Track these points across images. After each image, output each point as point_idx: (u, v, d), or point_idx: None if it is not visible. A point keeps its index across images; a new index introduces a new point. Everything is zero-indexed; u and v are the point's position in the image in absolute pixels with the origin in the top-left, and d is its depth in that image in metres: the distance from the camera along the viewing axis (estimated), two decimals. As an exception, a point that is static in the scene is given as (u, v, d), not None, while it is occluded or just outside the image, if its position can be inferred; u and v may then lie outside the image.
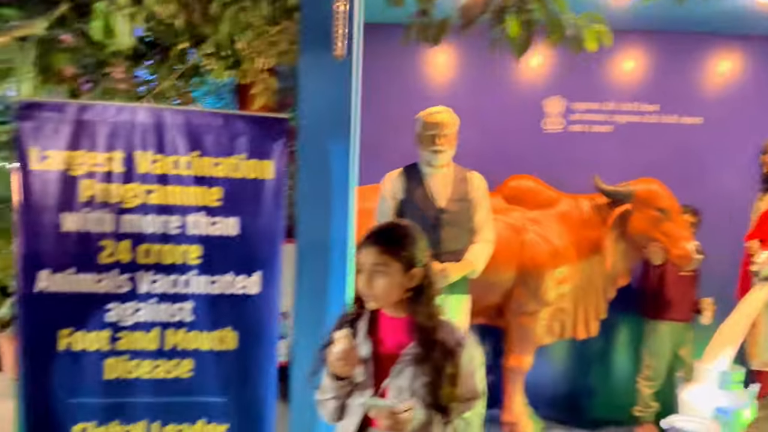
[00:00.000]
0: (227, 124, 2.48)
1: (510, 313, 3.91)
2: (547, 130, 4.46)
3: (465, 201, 3.44)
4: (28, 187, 2.35)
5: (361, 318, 1.78)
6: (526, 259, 3.85)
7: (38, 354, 2.39)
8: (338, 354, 1.63)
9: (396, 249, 1.68)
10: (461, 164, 3.51)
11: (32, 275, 2.36)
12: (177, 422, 2.52)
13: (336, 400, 1.72)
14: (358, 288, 1.72)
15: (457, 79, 4.43)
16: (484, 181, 3.55)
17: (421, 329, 1.67)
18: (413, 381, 1.65)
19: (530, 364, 3.94)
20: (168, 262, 2.46)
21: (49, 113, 2.36)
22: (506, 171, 4.18)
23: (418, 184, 3.42)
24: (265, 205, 2.51)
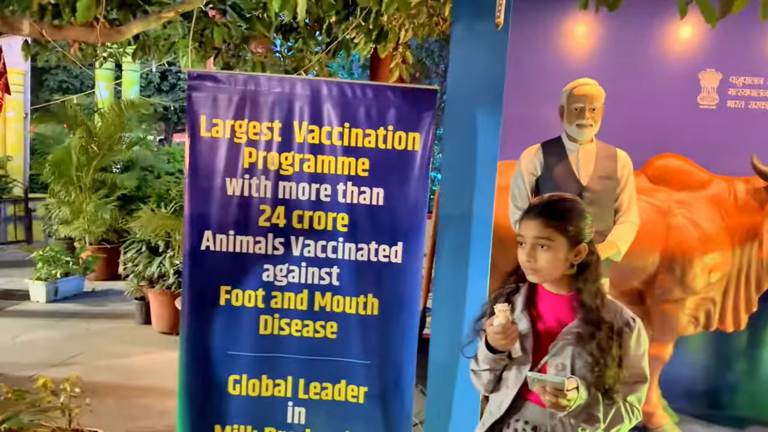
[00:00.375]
0: (378, 95, 2.52)
1: (652, 300, 3.72)
2: (702, 105, 4.13)
3: (610, 179, 3.30)
4: (197, 153, 2.53)
5: (519, 292, 1.76)
6: (672, 244, 3.64)
7: (202, 307, 2.59)
8: (497, 328, 1.62)
9: (561, 223, 1.64)
10: (601, 140, 3.36)
11: (198, 234, 2.56)
12: (320, 380, 2.65)
13: (491, 372, 1.73)
14: (520, 261, 1.70)
15: (601, 51, 4.20)
16: (629, 160, 3.39)
17: (585, 307, 1.63)
18: (575, 360, 1.62)
19: (670, 354, 3.74)
20: (318, 228, 2.57)
21: (218, 84, 2.52)
22: (651, 149, 3.93)
23: (558, 161, 3.32)
24: (411, 176, 2.54)
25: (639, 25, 4.06)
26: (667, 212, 3.70)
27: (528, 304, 1.73)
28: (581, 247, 1.65)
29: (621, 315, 1.66)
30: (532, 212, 1.68)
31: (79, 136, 7.43)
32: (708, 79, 4.15)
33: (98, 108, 8.98)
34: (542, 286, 1.72)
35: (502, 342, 1.64)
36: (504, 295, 1.77)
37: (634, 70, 4.13)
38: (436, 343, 2.63)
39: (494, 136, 2.51)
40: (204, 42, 3.45)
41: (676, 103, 4.15)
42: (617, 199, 3.32)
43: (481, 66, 2.47)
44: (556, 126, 3.43)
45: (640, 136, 3.89)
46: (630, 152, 3.42)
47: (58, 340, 5.50)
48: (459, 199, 2.57)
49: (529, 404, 1.69)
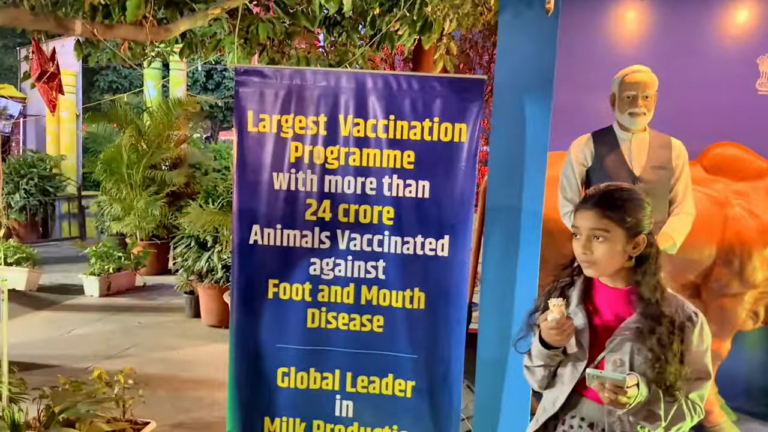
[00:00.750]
0: (423, 87, 2.49)
1: (708, 294, 3.58)
2: (761, 92, 3.95)
3: (665, 169, 3.19)
4: (245, 148, 2.55)
5: (574, 285, 1.70)
6: (729, 236, 3.49)
7: (250, 301, 2.62)
8: (552, 323, 1.57)
9: (619, 213, 1.58)
10: (654, 129, 3.25)
11: (246, 229, 2.58)
12: (368, 374, 2.64)
13: (545, 368, 1.68)
14: (575, 253, 1.64)
15: (653, 37, 4.06)
16: (684, 149, 3.27)
17: (644, 301, 1.57)
18: (634, 356, 1.56)
19: (728, 350, 3.60)
20: (364, 222, 2.56)
21: (265, 79, 2.53)
22: (707, 137, 3.79)
23: (610, 150, 3.22)
24: (458, 168, 2.50)
25: (693, 9, 3.91)
26: (724, 203, 3.56)
27: (584, 298, 1.68)
28: (640, 239, 1.59)
29: (682, 309, 1.59)
30: (588, 203, 1.62)
31: (129, 134, 7.64)
32: (767, 65, 3.97)
33: (147, 107, 9.21)
34: (598, 280, 1.67)
35: (557, 338, 1.59)
36: (558, 289, 1.72)
37: (688, 56, 3.98)
38: (484, 338, 2.59)
39: (544, 126, 2.45)
40: (249, 38, 3.48)
41: (733, 90, 3.98)
42: (672, 190, 3.21)
43: (530, 54, 2.41)
44: (607, 115, 3.33)
45: (695, 125, 3.75)
46: (684, 141, 3.29)
47: (112, 333, 5.66)
48: (507, 191, 2.52)
49: (586, 401, 1.64)
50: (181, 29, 2.85)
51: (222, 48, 3.57)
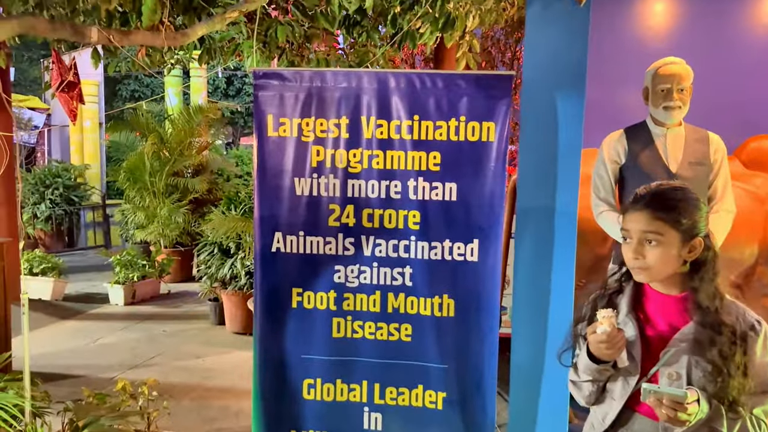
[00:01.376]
0: (448, 85, 2.39)
1: (751, 294, 3.41)
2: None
3: (702, 165, 3.03)
4: (265, 153, 2.48)
5: (623, 292, 1.59)
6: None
7: (274, 310, 2.54)
8: (602, 336, 1.45)
9: (673, 214, 1.46)
10: (688, 123, 3.10)
11: (269, 236, 2.50)
12: (397, 385, 2.55)
13: (594, 383, 1.57)
14: (625, 258, 1.53)
15: (686, 27, 3.92)
16: (723, 143, 3.11)
17: (701, 309, 1.45)
18: (691, 368, 1.44)
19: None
20: (389, 227, 2.47)
21: (284, 82, 2.45)
22: (744, 130, 3.63)
23: (644, 146, 3.08)
24: (486, 169, 2.39)
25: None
26: (765, 199, 3.40)
27: (634, 307, 1.56)
28: (696, 242, 1.47)
29: (744, 318, 1.46)
30: (639, 203, 1.50)
31: (152, 142, 7.65)
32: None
33: (168, 114, 9.24)
34: (649, 286, 1.55)
35: (608, 352, 1.47)
36: (606, 297, 1.60)
37: (721, 46, 3.83)
38: (518, 344, 2.47)
39: (577, 123, 2.33)
40: (268, 42, 3.41)
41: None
42: (710, 187, 3.05)
43: (560, 47, 2.30)
44: (640, 110, 3.19)
45: (731, 117, 3.59)
46: (720, 135, 3.14)
47: (137, 341, 5.64)
48: (539, 192, 2.41)
49: (639, 417, 1.52)
50: (199, 34, 2.78)
51: (241, 52, 3.51)
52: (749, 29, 3.82)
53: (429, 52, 5.82)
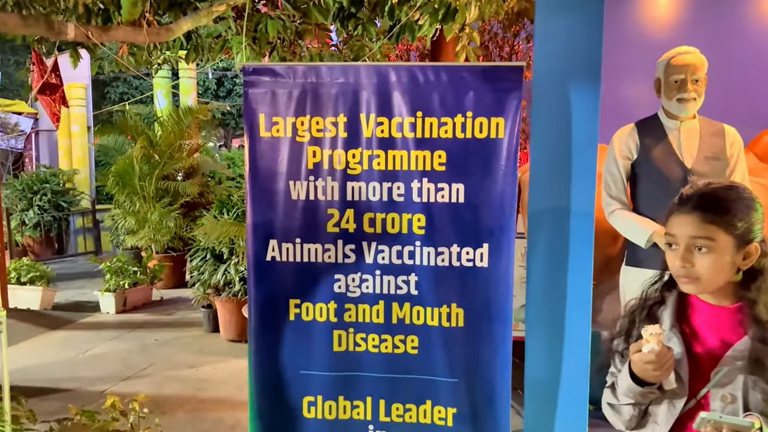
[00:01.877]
0: (453, 78, 2.22)
1: (763, 292, 3.26)
2: (813, 71, 3.64)
3: (719, 160, 2.88)
4: (257, 155, 2.31)
5: (665, 304, 1.42)
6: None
7: (270, 324, 2.37)
8: (650, 356, 1.29)
9: (726, 217, 1.31)
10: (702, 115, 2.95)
11: (263, 244, 2.33)
12: (403, 401, 2.38)
13: (635, 407, 1.40)
14: (670, 267, 1.37)
15: (696, 17, 3.77)
16: (739, 136, 2.96)
17: (759, 323, 1.30)
18: (749, 390, 1.28)
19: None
20: (392, 232, 2.30)
21: (276, 78, 2.28)
22: (757, 123, 3.49)
23: (657, 141, 2.93)
24: (496, 168, 2.22)
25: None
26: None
27: (678, 320, 1.41)
28: (752, 248, 1.32)
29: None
30: (687, 206, 1.35)
31: (141, 145, 7.45)
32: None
33: (157, 117, 9.04)
34: (696, 297, 1.39)
35: (655, 373, 1.31)
36: (645, 309, 1.44)
37: (733, 37, 3.68)
38: (533, 355, 2.30)
39: (592, 117, 2.16)
40: (258, 38, 3.24)
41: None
42: (727, 182, 2.90)
43: (573, 36, 2.13)
44: (652, 103, 3.04)
45: (744, 110, 3.45)
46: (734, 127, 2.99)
47: (129, 351, 5.46)
48: (553, 192, 2.23)
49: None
50: (184, 29, 2.61)
51: (230, 50, 3.34)
52: (761, 18, 3.67)
53: (423, 48, 5.66)
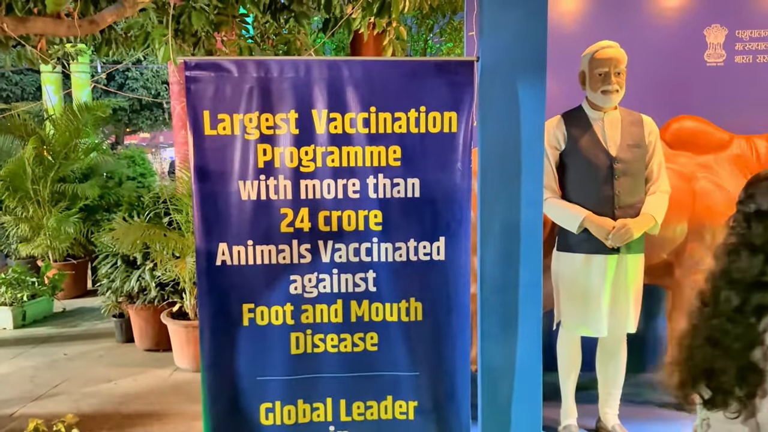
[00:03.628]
0: (405, 72, 2.21)
1: (682, 271, 3.53)
2: (709, 63, 3.96)
3: (639, 147, 3.08)
4: (203, 155, 2.19)
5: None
6: (699, 211, 3.45)
7: (223, 331, 2.27)
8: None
9: None
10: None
11: (212, 248, 2.22)
12: (364, 399, 2.36)
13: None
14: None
15: (604, 11, 3.98)
16: (655, 125, 3.18)
17: None
18: None
19: (703, 326, 3.58)
20: (348, 230, 2.26)
21: (221, 72, 2.17)
22: (664, 112, 3.74)
23: (583, 131, 3.08)
24: (451, 162, 2.24)
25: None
26: (691, 177, 3.52)
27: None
28: None
29: None
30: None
31: (33, 146, 6.87)
32: (714, 35, 3.98)
33: (49, 115, 8.37)
34: None
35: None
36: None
37: (638, 29, 3.93)
38: (487, 347, 2.36)
39: (539, 109, 2.23)
40: (182, 30, 3.07)
41: (684, 62, 3.97)
42: (647, 168, 3.11)
43: (519, 30, 2.18)
44: (574, 95, 3.19)
45: (653, 100, 3.70)
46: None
47: (35, 369, 5.05)
48: (503, 183, 2.30)
49: None
50: (108, 21, 2.43)
51: (150, 42, 3.13)
52: (665, 9, 3.94)
53: (338, 44, 5.60)
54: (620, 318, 3.12)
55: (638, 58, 3.80)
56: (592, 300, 3.05)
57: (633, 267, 3.07)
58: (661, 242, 3.44)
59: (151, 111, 17.56)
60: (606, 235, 2.94)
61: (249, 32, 4.36)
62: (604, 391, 3.30)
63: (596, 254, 3.02)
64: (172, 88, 6.67)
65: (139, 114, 17.54)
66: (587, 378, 3.54)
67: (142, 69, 16.41)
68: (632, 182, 3.04)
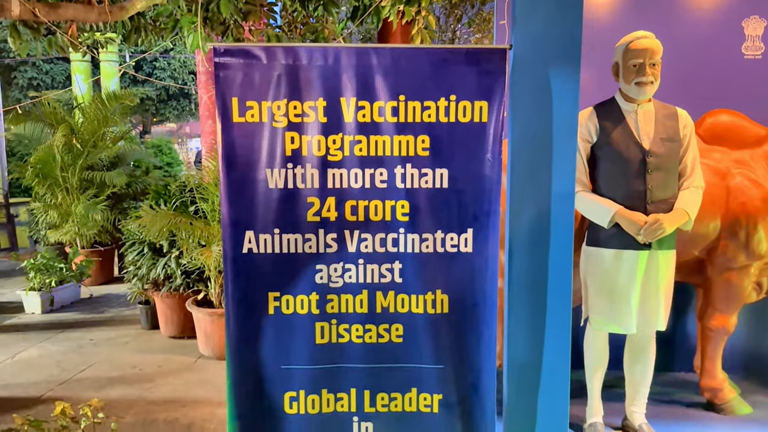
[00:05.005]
0: (436, 60, 2.17)
1: (714, 269, 3.45)
2: (747, 56, 3.85)
3: (673, 141, 3.00)
4: (231, 142, 2.18)
5: None
6: (734, 207, 3.36)
7: (248, 319, 2.26)
8: None
9: None
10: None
11: (239, 236, 2.22)
12: (388, 391, 2.34)
13: None
14: None
15: (642, 1, 3.89)
16: (690, 119, 3.09)
17: None
18: None
19: (734, 325, 3.49)
20: (375, 220, 2.24)
21: (250, 59, 2.15)
22: (700, 106, 3.64)
23: (616, 124, 3.01)
24: (480, 152, 2.20)
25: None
26: (726, 173, 3.42)
27: None
28: None
29: None
30: None
31: (62, 134, 6.96)
32: (752, 27, 3.86)
33: (78, 103, 8.47)
34: None
35: None
36: None
37: (678, 20, 3.83)
38: (513, 342, 2.33)
39: (572, 98, 2.18)
40: (210, 18, 3.06)
41: (720, 54, 3.86)
42: (680, 163, 3.03)
43: (553, 18, 2.13)
44: (608, 86, 3.12)
45: (688, 93, 3.60)
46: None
47: (62, 353, 5.13)
48: (534, 175, 2.25)
49: None
50: (138, 8, 2.43)
51: (179, 30, 3.13)
52: (699, 3, 3.84)
53: (365, 34, 5.56)
54: (650, 315, 3.05)
55: (673, 50, 3.70)
56: (622, 297, 2.99)
57: (664, 263, 3.00)
58: (693, 239, 3.36)
59: (178, 101, 17.73)
60: (638, 230, 2.88)
61: (277, 21, 4.36)
62: (631, 390, 3.24)
63: (627, 250, 2.96)
64: (199, 77, 6.71)
65: (166, 104, 17.72)
66: (614, 376, 3.48)
67: (170, 59, 16.56)
68: (665, 177, 2.96)
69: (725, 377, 3.57)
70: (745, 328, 3.90)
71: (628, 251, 2.96)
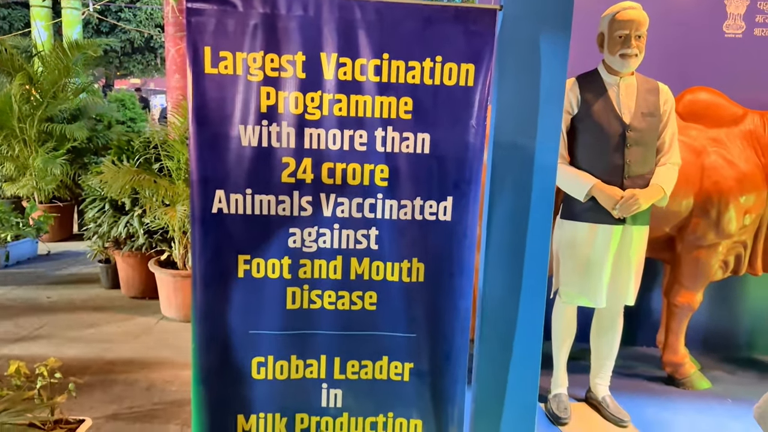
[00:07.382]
0: (422, 18, 2.06)
1: (683, 246, 3.48)
2: (728, 34, 3.83)
3: (654, 116, 2.97)
4: (202, 95, 2.04)
5: None
6: (707, 186, 3.38)
7: (217, 282, 2.17)
8: None
9: None
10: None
11: (209, 195, 2.10)
12: (359, 358, 2.29)
13: None
14: None
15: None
16: (671, 94, 3.07)
17: None
18: None
19: (699, 302, 3.55)
20: (353, 184, 2.15)
21: (225, 6, 2.01)
22: (678, 82, 3.62)
23: (597, 96, 2.96)
24: (464, 118, 2.12)
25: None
26: (701, 151, 3.43)
27: None
28: None
29: None
30: None
31: (20, 82, 6.62)
32: (735, 5, 3.84)
33: (38, 51, 8.06)
34: None
35: None
36: None
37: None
38: (486, 313, 2.30)
39: (561, 64, 2.11)
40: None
41: (702, 32, 3.84)
42: (659, 138, 3.01)
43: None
44: (590, 57, 3.06)
45: (668, 69, 3.57)
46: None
47: (18, 310, 4.96)
48: (518, 143, 2.19)
49: None
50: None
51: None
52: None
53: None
54: (620, 290, 3.07)
55: (655, 25, 3.66)
56: (594, 270, 2.98)
57: (637, 239, 3.01)
58: (665, 215, 3.37)
59: (143, 55, 17.12)
60: (613, 204, 2.86)
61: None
62: (596, 363, 3.27)
63: (601, 224, 2.95)
64: (167, 30, 6.42)
65: (131, 57, 17.10)
66: (579, 348, 3.52)
67: (136, 10, 15.91)
68: (644, 152, 2.94)
69: (686, 353, 3.64)
70: (707, 305, 3.98)
71: (603, 225, 2.94)
